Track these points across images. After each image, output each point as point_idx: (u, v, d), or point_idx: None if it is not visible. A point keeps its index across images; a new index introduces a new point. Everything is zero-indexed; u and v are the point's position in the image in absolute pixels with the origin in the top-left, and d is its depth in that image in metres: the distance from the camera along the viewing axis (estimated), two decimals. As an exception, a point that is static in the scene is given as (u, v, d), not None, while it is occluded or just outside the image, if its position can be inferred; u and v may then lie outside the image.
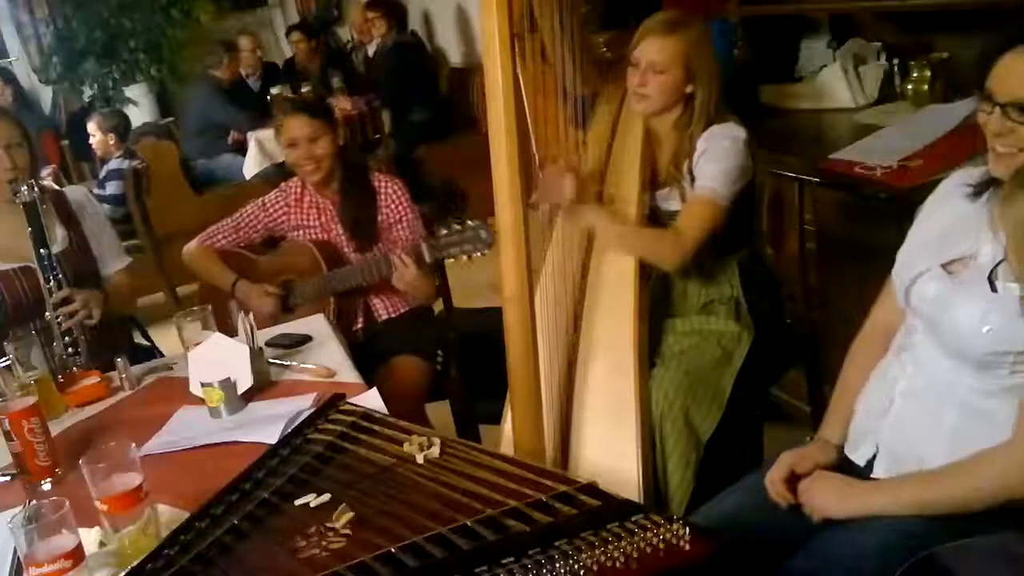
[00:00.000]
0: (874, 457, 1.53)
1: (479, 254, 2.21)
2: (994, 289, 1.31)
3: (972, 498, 1.35)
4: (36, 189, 2.16)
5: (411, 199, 2.60)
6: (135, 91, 6.81)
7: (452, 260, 2.28)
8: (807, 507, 1.48)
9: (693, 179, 2.10)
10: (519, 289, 1.66)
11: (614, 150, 2.23)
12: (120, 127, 4.95)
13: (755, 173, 2.16)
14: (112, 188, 4.74)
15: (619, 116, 2.28)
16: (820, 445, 1.62)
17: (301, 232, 2.62)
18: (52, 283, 2.16)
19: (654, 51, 2.08)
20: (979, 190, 1.45)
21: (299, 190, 2.62)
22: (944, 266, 1.45)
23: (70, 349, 2.17)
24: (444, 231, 2.24)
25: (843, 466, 1.57)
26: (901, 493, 1.42)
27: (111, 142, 4.83)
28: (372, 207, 2.56)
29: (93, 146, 4.89)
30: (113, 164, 4.80)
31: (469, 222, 2.22)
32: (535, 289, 1.76)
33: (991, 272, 1.32)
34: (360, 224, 2.55)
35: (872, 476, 1.52)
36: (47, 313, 2.18)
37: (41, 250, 2.15)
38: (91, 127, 4.87)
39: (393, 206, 2.56)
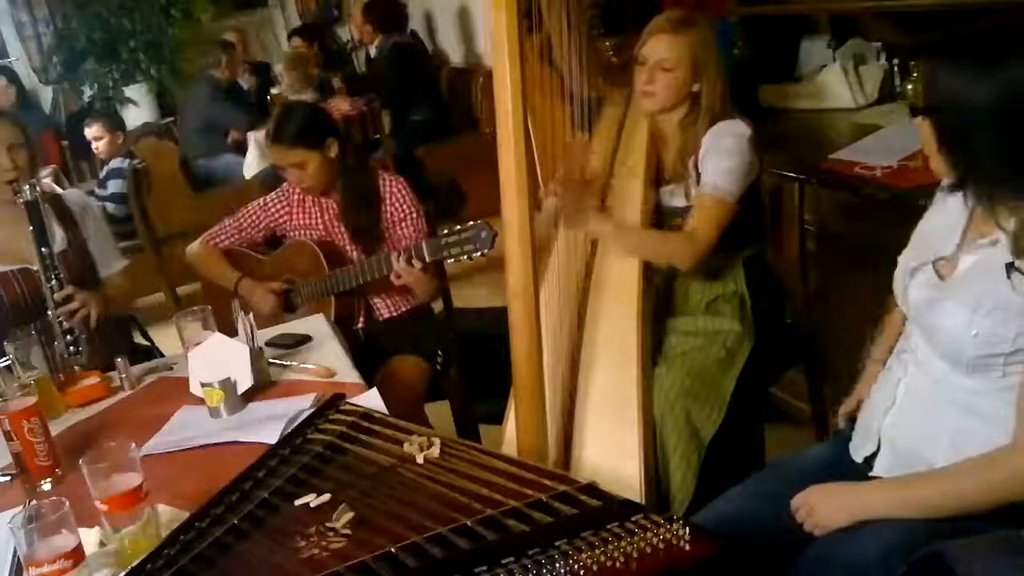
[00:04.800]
0: (874, 455, 1.53)
1: (479, 254, 2.21)
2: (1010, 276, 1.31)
3: (975, 502, 1.35)
4: (37, 189, 2.17)
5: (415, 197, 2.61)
6: (135, 91, 6.80)
7: (452, 260, 2.28)
8: (808, 525, 1.47)
9: (699, 176, 2.10)
10: (524, 285, 1.66)
11: (619, 155, 2.24)
12: (122, 124, 4.96)
13: (762, 169, 2.17)
14: (114, 187, 4.74)
15: (624, 121, 2.29)
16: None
17: (303, 232, 2.62)
18: (54, 282, 2.16)
19: (662, 49, 2.09)
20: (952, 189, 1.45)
21: (301, 191, 2.62)
22: (934, 263, 1.46)
23: (71, 348, 2.17)
24: (444, 231, 2.24)
25: (842, 470, 1.57)
26: (901, 496, 1.41)
27: (118, 141, 4.83)
28: (376, 209, 2.55)
29: (99, 149, 4.87)
30: (114, 163, 4.80)
31: (470, 222, 2.22)
32: (540, 286, 1.76)
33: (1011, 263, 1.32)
34: (363, 226, 2.55)
35: (872, 474, 1.52)
36: (48, 312, 2.18)
37: (43, 249, 2.15)
38: (96, 130, 4.84)
39: (397, 205, 2.56)
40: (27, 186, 2.13)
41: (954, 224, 1.46)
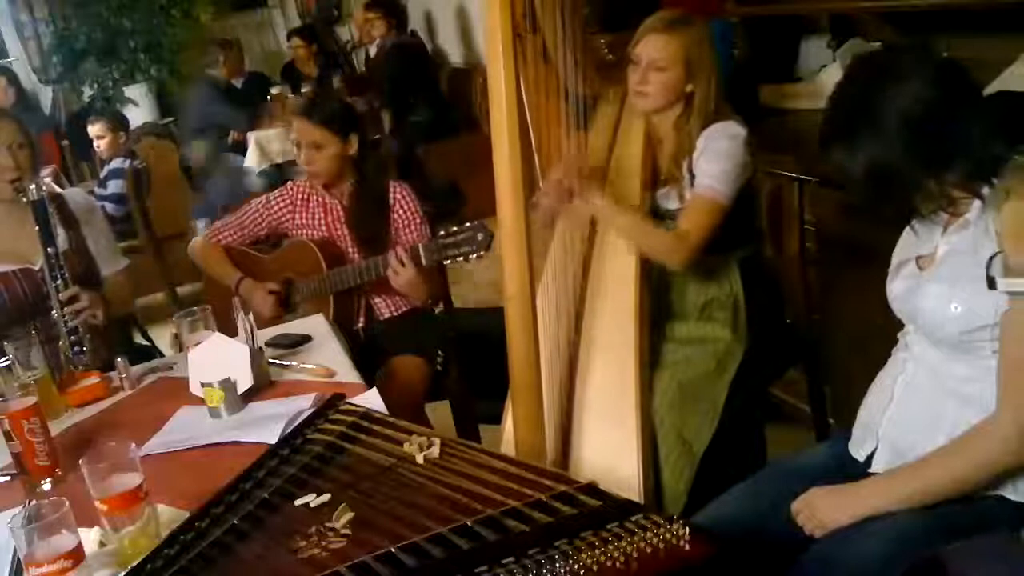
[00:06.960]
0: (874, 453, 1.53)
1: (476, 256, 2.20)
2: (992, 285, 1.32)
3: (965, 479, 1.37)
4: (43, 189, 2.16)
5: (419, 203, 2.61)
6: (135, 91, 6.81)
7: (448, 262, 2.27)
8: (808, 528, 1.48)
9: (693, 177, 2.10)
10: (520, 287, 1.66)
11: (615, 152, 2.23)
12: (125, 124, 4.97)
13: (756, 170, 2.16)
14: (114, 187, 4.75)
15: (620, 118, 2.28)
16: None
17: (305, 231, 2.62)
18: (59, 281, 2.16)
19: (655, 49, 2.08)
20: None
21: (306, 190, 2.62)
22: (917, 260, 1.50)
23: (75, 348, 2.17)
24: (441, 233, 2.24)
25: (842, 469, 1.57)
26: (898, 487, 1.43)
27: (121, 140, 4.83)
28: (384, 218, 2.55)
29: (101, 148, 4.87)
30: (114, 164, 4.80)
31: (466, 224, 2.21)
32: (536, 288, 1.75)
33: (987, 265, 1.33)
34: (370, 234, 2.55)
35: (871, 471, 1.52)
36: (53, 312, 2.18)
37: (49, 249, 2.15)
38: (99, 129, 4.84)
39: (403, 211, 2.56)
40: (33, 186, 2.13)
41: (935, 225, 1.49)
